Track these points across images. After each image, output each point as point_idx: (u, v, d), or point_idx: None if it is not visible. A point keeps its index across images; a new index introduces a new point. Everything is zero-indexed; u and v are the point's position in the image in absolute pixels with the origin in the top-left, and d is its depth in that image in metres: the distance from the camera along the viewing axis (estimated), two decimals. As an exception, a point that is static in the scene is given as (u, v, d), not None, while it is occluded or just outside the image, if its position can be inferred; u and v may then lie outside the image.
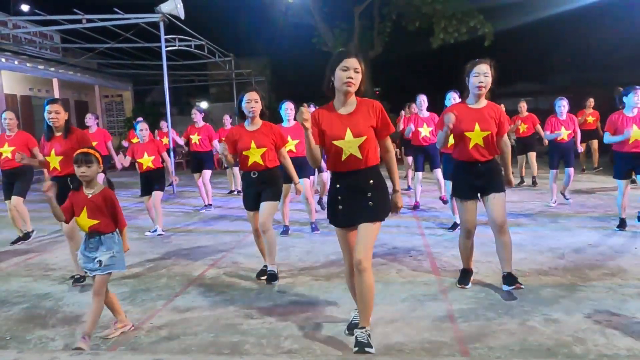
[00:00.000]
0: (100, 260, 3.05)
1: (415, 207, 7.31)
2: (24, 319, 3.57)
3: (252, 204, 4.20)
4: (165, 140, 10.69)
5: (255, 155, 4.06)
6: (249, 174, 4.16)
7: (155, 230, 6.20)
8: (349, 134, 2.74)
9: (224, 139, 4.37)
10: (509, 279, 3.60)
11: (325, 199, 7.39)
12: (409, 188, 9.23)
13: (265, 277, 4.22)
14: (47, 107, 4.36)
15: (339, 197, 2.84)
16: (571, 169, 7.18)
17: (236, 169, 8.93)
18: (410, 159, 9.02)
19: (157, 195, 6.19)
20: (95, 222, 3.07)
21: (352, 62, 2.69)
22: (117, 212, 3.14)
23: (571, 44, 18.03)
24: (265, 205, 4.12)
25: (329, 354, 2.89)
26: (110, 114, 20.66)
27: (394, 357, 2.81)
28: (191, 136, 8.07)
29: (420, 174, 7.29)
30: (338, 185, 2.86)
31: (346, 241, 2.89)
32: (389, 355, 2.81)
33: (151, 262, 4.99)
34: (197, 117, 8.09)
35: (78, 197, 3.10)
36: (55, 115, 4.37)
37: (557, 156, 7.18)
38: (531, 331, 3.08)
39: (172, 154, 10.56)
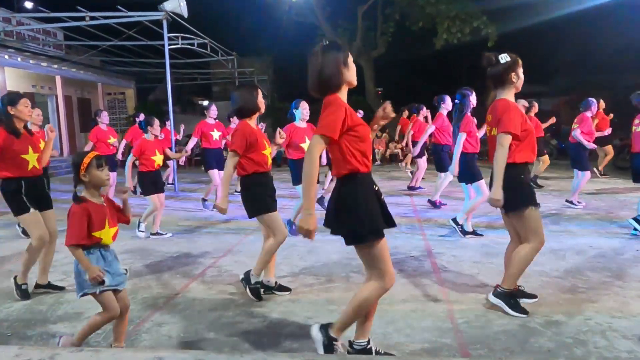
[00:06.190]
0: (126, 269, 2.89)
1: (441, 205, 7.34)
2: (25, 315, 3.58)
3: (273, 203, 3.77)
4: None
5: (269, 156, 3.84)
6: (267, 174, 3.80)
7: (158, 233, 6.08)
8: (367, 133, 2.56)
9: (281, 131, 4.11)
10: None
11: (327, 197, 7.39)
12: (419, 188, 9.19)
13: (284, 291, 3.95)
14: (22, 101, 3.81)
15: (377, 199, 2.54)
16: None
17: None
18: (423, 160, 8.95)
19: (163, 196, 6.11)
20: (116, 229, 2.84)
21: None
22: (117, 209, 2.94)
23: (575, 45, 17.98)
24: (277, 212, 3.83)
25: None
26: (112, 111, 20.69)
27: (394, 357, 2.81)
28: (211, 132, 7.69)
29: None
30: (376, 187, 2.56)
31: (387, 248, 2.56)
32: (389, 356, 2.81)
33: (153, 260, 5.00)
34: (213, 113, 7.78)
35: (94, 209, 2.73)
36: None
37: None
38: (532, 333, 3.08)
39: (173, 151, 10.56)
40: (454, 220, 5.65)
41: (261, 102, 3.80)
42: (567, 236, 5.54)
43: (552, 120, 9.29)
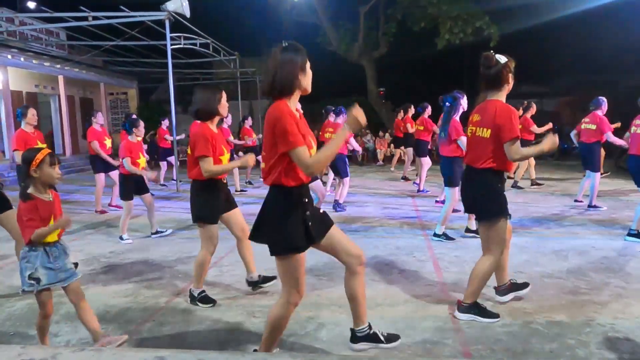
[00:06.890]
0: (75, 263, 2.81)
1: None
2: (28, 314, 3.59)
3: (220, 214, 3.72)
4: (168, 137, 10.70)
5: (226, 162, 3.72)
6: (221, 182, 3.72)
7: (158, 232, 6.09)
8: (312, 142, 2.51)
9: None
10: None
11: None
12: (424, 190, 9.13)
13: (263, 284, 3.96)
14: None
15: (308, 213, 2.46)
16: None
17: (236, 170, 8.68)
18: (426, 159, 8.93)
19: (150, 196, 6.03)
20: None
21: None
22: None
23: (576, 46, 17.97)
24: (239, 210, 3.84)
25: (330, 353, 2.89)
26: (115, 111, 20.75)
27: (395, 357, 2.81)
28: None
29: None
30: (306, 200, 2.48)
31: (303, 265, 2.57)
32: (391, 356, 2.81)
33: (154, 260, 5.00)
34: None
35: (42, 206, 2.69)
36: None
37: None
38: (534, 333, 3.08)
39: (175, 152, 10.57)
40: (435, 234, 5.51)
41: (223, 106, 3.64)
42: (569, 237, 5.53)
43: (549, 126, 9.23)
